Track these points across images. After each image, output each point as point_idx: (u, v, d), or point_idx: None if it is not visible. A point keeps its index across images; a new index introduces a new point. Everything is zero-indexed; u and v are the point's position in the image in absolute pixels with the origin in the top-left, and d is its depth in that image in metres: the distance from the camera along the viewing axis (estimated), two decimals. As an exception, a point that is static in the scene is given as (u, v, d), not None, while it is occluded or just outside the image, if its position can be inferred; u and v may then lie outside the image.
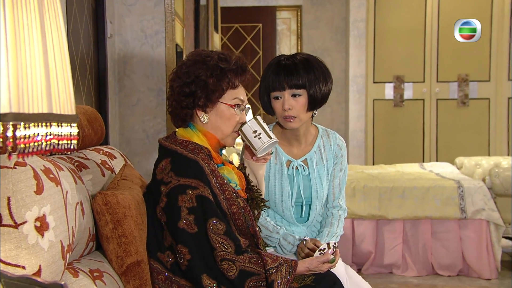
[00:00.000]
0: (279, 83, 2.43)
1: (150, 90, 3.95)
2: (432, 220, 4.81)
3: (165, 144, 2.13)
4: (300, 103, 2.44)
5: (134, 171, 2.31)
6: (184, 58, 2.20)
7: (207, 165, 2.07)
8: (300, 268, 2.12)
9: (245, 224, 2.10)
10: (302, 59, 2.45)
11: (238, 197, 2.10)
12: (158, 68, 3.93)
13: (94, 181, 2.11)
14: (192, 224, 1.98)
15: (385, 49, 7.37)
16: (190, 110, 2.13)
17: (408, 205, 4.82)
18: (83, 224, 1.85)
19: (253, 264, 2.00)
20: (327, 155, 2.60)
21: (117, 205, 1.93)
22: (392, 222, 4.84)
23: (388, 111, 7.44)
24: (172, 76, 2.17)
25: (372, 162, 7.45)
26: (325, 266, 2.18)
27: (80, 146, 2.24)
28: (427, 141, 7.42)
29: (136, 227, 1.96)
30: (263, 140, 2.20)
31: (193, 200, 1.98)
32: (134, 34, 3.91)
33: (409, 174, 5.38)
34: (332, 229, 2.60)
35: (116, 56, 3.90)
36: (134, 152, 3.95)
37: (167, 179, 2.02)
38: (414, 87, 7.39)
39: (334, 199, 2.64)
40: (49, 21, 1.15)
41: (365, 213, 4.82)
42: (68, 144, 1.18)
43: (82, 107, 2.34)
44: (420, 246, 4.81)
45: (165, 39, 3.91)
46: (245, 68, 2.17)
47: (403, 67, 7.34)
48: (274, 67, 2.45)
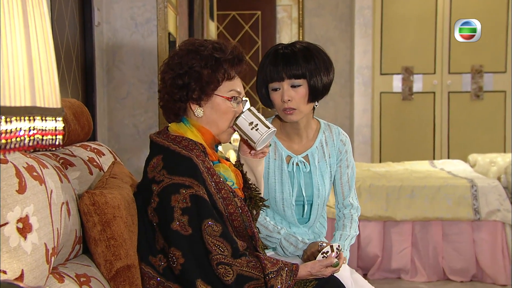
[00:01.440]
0: (277, 73, 2.43)
1: (141, 82, 3.95)
2: (443, 222, 4.82)
3: (156, 140, 2.13)
4: (300, 94, 2.44)
5: (124, 169, 2.31)
6: (176, 48, 2.20)
7: (202, 163, 2.07)
8: (302, 272, 2.12)
9: (243, 225, 2.10)
10: (301, 47, 2.46)
11: (235, 197, 2.10)
12: (149, 58, 3.93)
13: (81, 180, 2.11)
14: (186, 225, 1.98)
15: (393, 38, 7.36)
16: (183, 104, 2.13)
17: (417, 206, 4.82)
18: (69, 226, 1.85)
19: (252, 268, 2.01)
20: (330, 151, 2.60)
21: (105, 205, 1.93)
22: (400, 223, 4.85)
23: (396, 105, 7.44)
24: (163, 67, 2.17)
25: (379, 159, 7.45)
26: (328, 270, 2.18)
27: (66, 142, 2.24)
28: (438, 137, 7.42)
29: (126, 228, 1.96)
30: (261, 131, 2.19)
31: (187, 200, 1.99)
32: (124, 22, 3.91)
33: (419, 172, 5.38)
34: (344, 231, 2.61)
35: (104, 45, 3.89)
36: (124, 149, 3.95)
37: (159, 177, 2.02)
38: (424, 79, 7.39)
39: (344, 198, 2.65)
40: (32, 7, 1.15)
41: (371, 214, 4.82)
42: (53, 140, 1.18)
43: (68, 100, 2.34)
44: (430, 250, 4.81)
45: (157, 27, 3.91)
46: (242, 58, 2.17)
47: (412, 57, 7.34)
48: (272, 56, 2.46)
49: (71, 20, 3.25)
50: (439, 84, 7.37)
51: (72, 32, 3.28)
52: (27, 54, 1.12)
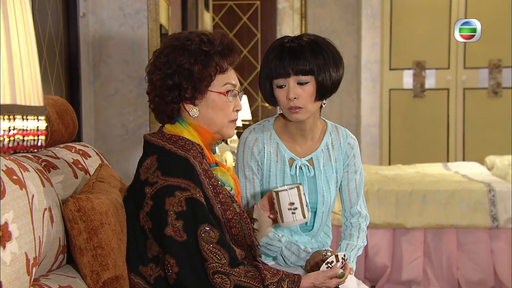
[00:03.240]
0: (283, 69, 2.43)
1: (130, 78, 3.95)
2: (458, 229, 4.82)
3: (151, 139, 2.13)
4: (307, 92, 2.44)
5: (111, 172, 2.31)
6: (160, 46, 2.20)
7: (199, 164, 2.08)
8: (304, 283, 2.12)
9: (241, 233, 2.10)
10: (309, 40, 2.46)
11: (234, 202, 2.11)
12: (139, 52, 3.93)
13: (65, 184, 2.11)
14: (181, 231, 1.99)
15: (403, 30, 7.37)
16: (177, 105, 2.14)
17: (430, 212, 4.82)
18: (52, 234, 1.85)
19: (250, 278, 2.01)
20: (336, 155, 2.60)
21: (92, 211, 1.93)
22: (411, 231, 4.85)
23: (406, 102, 7.44)
24: (149, 67, 2.17)
25: (388, 161, 7.45)
26: (333, 281, 2.19)
27: (49, 143, 2.24)
28: (452, 138, 7.43)
29: (115, 236, 1.96)
30: (296, 217, 2.23)
31: (182, 203, 1.99)
32: (111, 12, 3.91)
33: (431, 176, 5.38)
34: (351, 241, 2.62)
35: (90, 38, 3.89)
36: (112, 150, 3.95)
37: (152, 179, 2.03)
38: (437, 74, 7.39)
39: (352, 206, 2.65)
40: (12, -3, 1.15)
41: (379, 221, 4.82)
42: (34, 141, 1.18)
43: (51, 98, 2.34)
44: (444, 260, 4.81)
45: (147, 18, 3.91)
46: (232, 47, 2.17)
47: (425, 51, 7.34)
48: (277, 50, 2.45)
49: (53, 10, 3.25)
50: (454, 80, 7.38)
51: (55, 24, 3.27)
52: (6, 47, 1.13)
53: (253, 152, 2.53)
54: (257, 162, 2.54)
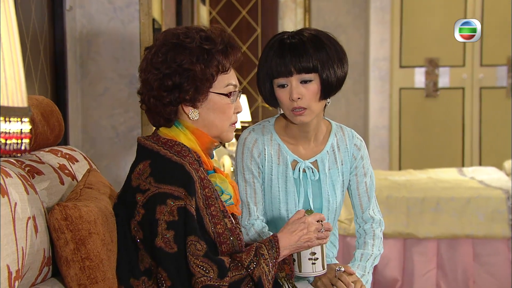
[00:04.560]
0: (285, 67, 2.42)
1: (121, 77, 3.95)
2: (474, 240, 4.82)
3: (145, 143, 2.14)
4: (312, 91, 2.44)
5: (101, 177, 2.31)
6: (154, 42, 2.20)
7: (195, 171, 2.08)
8: (283, 243, 2.16)
9: (233, 250, 2.11)
10: (310, 35, 2.46)
11: (226, 217, 2.12)
12: (130, 49, 3.93)
13: (51, 191, 2.12)
14: (171, 242, 1.99)
15: (415, 25, 7.37)
16: (175, 107, 2.14)
17: (443, 221, 4.82)
18: (36, 244, 1.85)
19: (236, 269, 2.05)
20: (343, 157, 2.61)
21: (79, 220, 1.93)
22: (423, 241, 4.85)
23: (418, 103, 7.45)
24: (144, 65, 2.16)
25: (398, 166, 7.45)
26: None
27: (33, 147, 2.24)
28: (468, 140, 7.43)
29: (104, 247, 1.96)
30: (316, 268, 2.27)
31: (174, 212, 1.99)
32: (100, 6, 3.91)
33: (445, 182, 5.38)
34: (366, 249, 2.62)
35: (78, 34, 3.89)
36: (101, 154, 3.95)
37: (144, 186, 2.03)
38: (451, 72, 7.39)
39: (364, 211, 2.65)
40: (-6, -10, 1.15)
41: (389, 230, 4.82)
42: (17, 144, 1.18)
43: (35, 98, 2.34)
44: (459, 272, 4.81)
45: (139, 12, 3.91)
46: (234, 45, 2.18)
47: (438, 47, 7.34)
48: (277, 47, 2.45)
49: (38, 4, 3.25)
50: (469, 79, 7.38)
51: (39, 18, 3.28)
52: (-12, 44, 1.13)
53: (252, 154, 2.53)
54: (258, 164, 2.54)
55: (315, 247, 2.24)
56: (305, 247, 2.20)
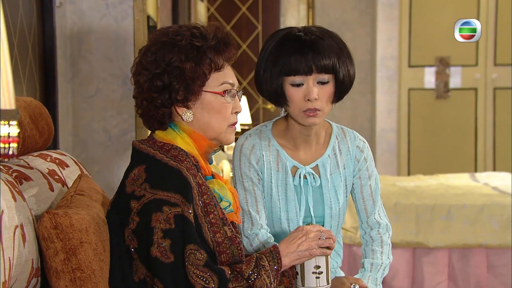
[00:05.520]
0: (305, 64, 2.40)
1: (114, 77, 3.95)
2: (488, 250, 4.82)
3: (140, 147, 2.14)
4: (328, 92, 2.44)
5: (92, 183, 2.31)
6: (147, 43, 2.20)
7: (193, 177, 2.09)
8: (283, 250, 2.17)
9: (232, 260, 2.11)
10: (323, 33, 2.46)
11: (226, 225, 2.12)
12: (123, 47, 3.94)
13: (39, 197, 2.11)
14: (168, 251, 1.99)
15: (424, 21, 7.38)
16: (168, 109, 2.14)
17: (455, 230, 4.82)
18: (24, 254, 1.85)
19: (235, 281, 2.05)
20: (345, 161, 2.60)
21: (70, 228, 1.93)
22: (434, 251, 4.85)
23: (428, 104, 7.45)
24: (135, 68, 2.17)
25: (407, 171, 7.45)
26: None
27: (21, 151, 2.24)
28: (481, 144, 7.43)
29: (96, 257, 1.96)
30: (320, 283, 2.26)
31: (171, 220, 2.00)
32: (92, 2, 3.92)
33: (457, 188, 5.38)
34: (375, 259, 2.61)
35: (68, 31, 3.90)
36: (93, 159, 3.95)
37: (139, 192, 2.03)
38: (463, 72, 7.40)
39: (369, 216, 2.64)
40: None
41: (397, 239, 4.82)
42: (5, 149, 1.18)
43: (23, 100, 2.34)
44: (472, 284, 4.81)
45: (133, 9, 3.92)
46: (228, 41, 2.18)
47: (449, 46, 7.34)
48: (295, 43, 2.43)
49: (26, 0, 3.25)
50: (483, 79, 7.38)
51: (28, 15, 3.28)
52: (-26, 43, 1.13)
53: (250, 161, 2.53)
54: (257, 171, 2.53)
55: (320, 260, 2.24)
56: (307, 256, 2.20)
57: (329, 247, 2.23)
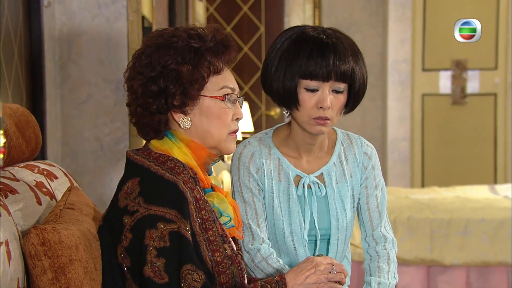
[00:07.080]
0: (325, 69, 2.40)
1: (106, 82, 3.96)
2: (509, 268, 4.81)
3: (134, 158, 2.14)
4: (341, 102, 2.45)
5: (83, 196, 2.31)
6: (140, 46, 2.21)
7: (190, 191, 2.08)
8: (290, 282, 2.16)
9: (232, 281, 2.10)
10: (337, 34, 2.45)
11: (226, 242, 2.11)
12: (116, 50, 3.94)
13: (26, 212, 2.11)
14: (162, 271, 1.98)
15: (439, 22, 7.38)
16: (164, 115, 2.14)
17: (473, 246, 4.82)
18: (9, 273, 1.85)
19: None
20: (352, 169, 2.60)
21: (59, 245, 1.93)
22: (450, 269, 4.84)
23: (443, 110, 7.45)
24: (128, 73, 2.17)
25: (421, 183, 7.45)
26: None
27: (6, 162, 2.24)
28: (501, 153, 7.42)
29: (86, 276, 1.96)
30: None
31: (165, 237, 1.99)
32: (83, 1, 3.93)
33: (475, 201, 5.38)
34: (382, 278, 2.60)
35: (57, 33, 3.91)
36: (83, 170, 3.95)
37: (133, 207, 2.03)
38: (481, 76, 7.40)
39: (374, 229, 2.64)
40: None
41: (411, 256, 4.82)
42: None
43: (9, 107, 2.35)
44: (491, 304, 4.81)
45: (126, 9, 3.92)
46: (228, 43, 2.18)
47: (466, 48, 7.35)
48: (314, 45, 2.42)
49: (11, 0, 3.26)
50: (502, 83, 7.39)
51: (13, 15, 3.29)
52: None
53: (250, 170, 2.53)
54: (257, 181, 2.53)
55: None
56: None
57: (340, 282, 2.21)
